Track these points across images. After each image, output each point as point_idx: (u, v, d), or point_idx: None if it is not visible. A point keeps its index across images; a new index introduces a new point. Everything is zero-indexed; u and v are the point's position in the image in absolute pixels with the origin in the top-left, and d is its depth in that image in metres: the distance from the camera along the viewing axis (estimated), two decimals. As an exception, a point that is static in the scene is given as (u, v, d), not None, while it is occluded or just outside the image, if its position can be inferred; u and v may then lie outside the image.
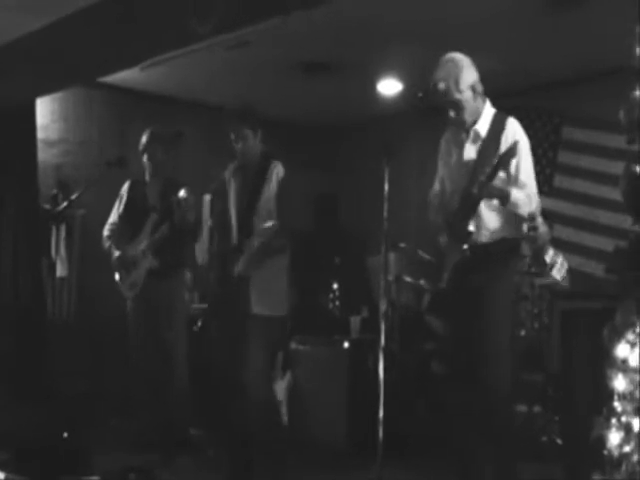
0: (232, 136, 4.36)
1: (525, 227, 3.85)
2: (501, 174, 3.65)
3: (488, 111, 3.87)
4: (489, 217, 3.73)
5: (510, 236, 3.77)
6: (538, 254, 5.90)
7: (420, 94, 3.85)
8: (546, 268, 5.84)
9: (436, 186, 4.02)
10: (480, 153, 3.78)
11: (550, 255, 5.86)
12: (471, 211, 3.67)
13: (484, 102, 3.87)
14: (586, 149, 6.79)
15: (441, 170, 4.02)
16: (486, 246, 3.72)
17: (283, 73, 6.65)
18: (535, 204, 3.74)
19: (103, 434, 5.01)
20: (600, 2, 5.01)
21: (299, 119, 8.07)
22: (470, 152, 3.84)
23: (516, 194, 3.63)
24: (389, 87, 7.01)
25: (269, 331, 4.21)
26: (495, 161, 3.58)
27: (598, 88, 6.38)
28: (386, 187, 3.96)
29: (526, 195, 3.68)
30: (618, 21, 3.47)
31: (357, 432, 5.08)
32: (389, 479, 3.68)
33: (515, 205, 3.64)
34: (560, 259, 5.86)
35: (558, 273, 5.78)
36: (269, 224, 4.17)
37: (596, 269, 6.32)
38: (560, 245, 5.97)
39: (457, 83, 3.76)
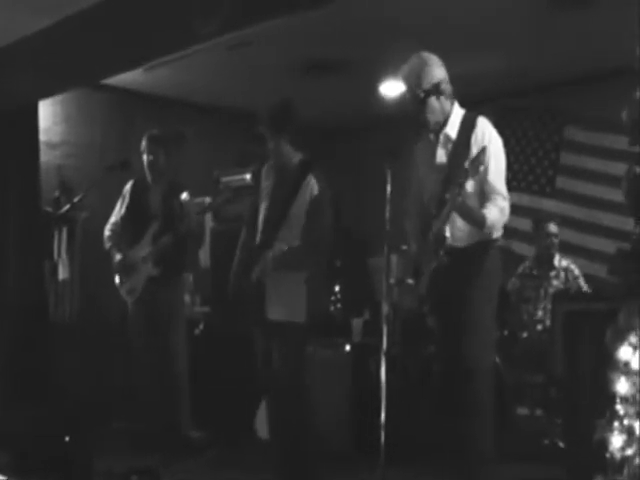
0: (264, 135, 4.22)
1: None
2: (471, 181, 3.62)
3: (457, 112, 3.81)
4: (462, 222, 3.68)
5: (485, 238, 3.72)
6: (542, 258, 5.90)
7: (422, 94, 3.80)
8: (551, 273, 5.84)
9: (411, 193, 3.99)
10: (451, 157, 3.74)
11: (557, 260, 5.86)
12: (445, 217, 3.61)
13: (452, 103, 3.81)
14: (588, 150, 6.78)
15: (415, 177, 3.98)
16: (462, 250, 3.69)
17: (286, 74, 6.64)
18: (507, 212, 3.68)
19: (105, 436, 5.01)
20: (604, 2, 5.01)
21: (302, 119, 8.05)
22: (441, 156, 3.79)
23: (491, 217, 3.58)
24: (392, 88, 7.00)
25: (287, 337, 4.12)
26: (465, 169, 3.50)
27: (600, 89, 6.38)
28: (388, 189, 3.95)
29: (499, 210, 3.63)
30: (621, 21, 3.46)
31: (359, 435, 5.07)
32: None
33: (491, 227, 3.62)
34: (565, 264, 5.86)
35: (564, 281, 5.78)
36: (293, 246, 4.11)
37: (598, 271, 6.32)
38: (562, 247, 5.97)
39: (419, 80, 3.72)
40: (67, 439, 4.29)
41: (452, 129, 3.78)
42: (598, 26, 5.40)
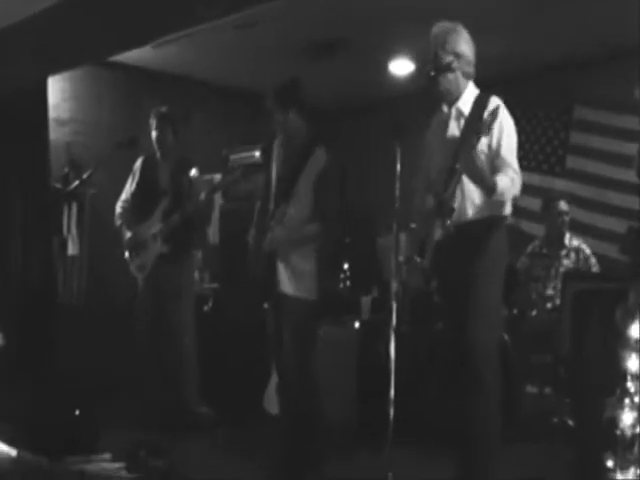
0: (273, 110, 4.22)
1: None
2: (484, 149, 3.58)
3: (471, 90, 3.79)
4: (474, 192, 3.62)
5: (495, 214, 3.67)
6: (552, 236, 5.88)
7: (432, 72, 3.78)
8: (561, 252, 5.82)
9: (421, 168, 3.94)
10: (463, 130, 3.70)
11: (567, 238, 5.84)
12: (454, 186, 3.56)
13: (467, 81, 3.78)
14: (598, 130, 6.74)
15: (427, 151, 3.94)
16: (469, 224, 3.64)
17: (291, 53, 6.61)
18: (519, 185, 3.61)
19: (113, 412, 5.03)
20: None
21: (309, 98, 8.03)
22: (453, 130, 3.76)
23: (502, 184, 3.48)
24: (400, 67, 6.97)
25: (298, 313, 4.13)
26: (477, 126, 3.45)
27: (611, 68, 6.33)
28: (398, 167, 3.93)
29: (510, 179, 3.54)
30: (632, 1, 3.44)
31: (367, 413, 5.08)
32: (399, 461, 3.68)
33: (501, 195, 3.52)
34: (577, 244, 5.84)
35: (574, 260, 5.77)
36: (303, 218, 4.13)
37: (608, 250, 6.30)
38: (572, 226, 5.95)
39: (445, 44, 3.69)
40: (77, 413, 4.32)
41: (465, 105, 3.75)
42: (608, 5, 5.34)
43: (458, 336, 3.64)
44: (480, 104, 3.70)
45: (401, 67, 6.96)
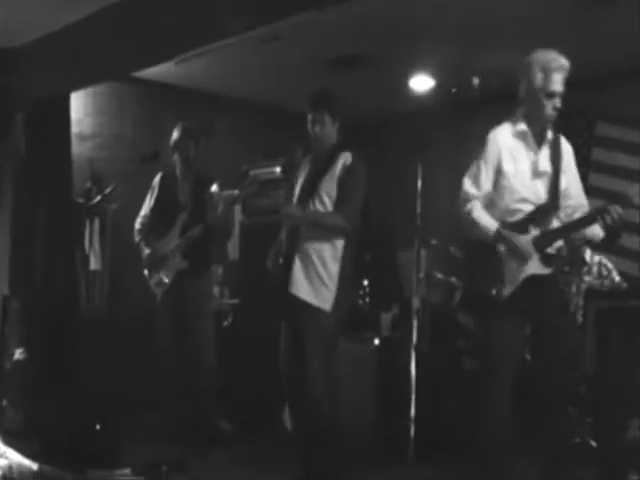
0: (310, 119, 4.26)
1: None
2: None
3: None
4: None
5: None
6: (574, 254, 5.84)
7: (454, 89, 3.80)
8: (582, 269, 5.77)
9: (485, 185, 3.72)
10: (553, 165, 3.73)
11: (588, 255, 5.80)
12: (561, 237, 3.68)
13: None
14: (621, 146, 6.69)
15: (495, 170, 3.73)
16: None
17: (314, 68, 6.62)
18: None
19: (135, 427, 5.03)
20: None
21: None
22: (544, 161, 3.73)
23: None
24: (421, 83, 6.97)
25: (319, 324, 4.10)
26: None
27: (634, 84, 6.30)
28: (419, 183, 3.92)
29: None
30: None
31: (388, 430, 5.05)
32: (420, 478, 3.66)
33: None
34: (598, 259, 5.79)
35: (595, 276, 5.72)
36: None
37: (631, 268, 6.25)
38: (595, 244, 5.90)
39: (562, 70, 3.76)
40: (98, 428, 4.32)
41: (549, 139, 3.76)
42: (630, 22, 5.33)
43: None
44: (556, 141, 3.82)
45: (422, 82, 6.95)
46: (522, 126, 3.70)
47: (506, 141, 3.69)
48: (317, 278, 4.10)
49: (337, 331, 4.24)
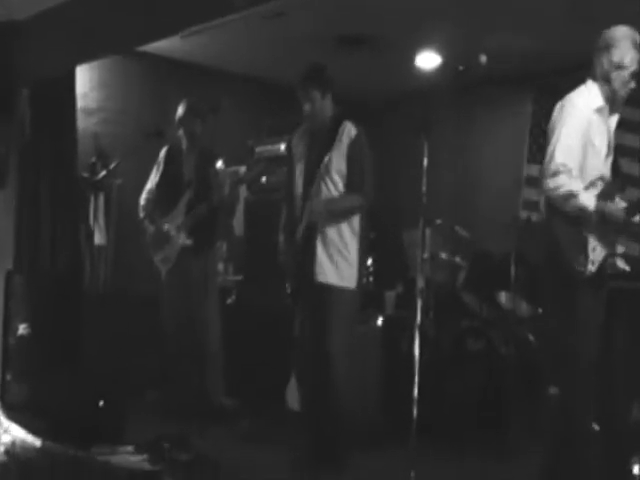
0: (300, 98, 4.21)
1: None
2: None
3: None
4: None
5: None
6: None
7: (461, 67, 3.75)
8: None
9: (559, 158, 3.46)
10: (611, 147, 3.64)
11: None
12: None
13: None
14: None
15: (583, 143, 3.54)
16: None
17: (319, 44, 6.57)
18: None
19: (138, 404, 5.05)
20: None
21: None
22: (611, 139, 3.64)
23: None
24: (427, 61, 6.89)
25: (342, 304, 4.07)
26: None
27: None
28: (425, 162, 3.89)
29: None
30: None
31: (391, 410, 5.05)
32: (422, 459, 3.67)
33: None
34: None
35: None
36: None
37: (635, 250, 6.21)
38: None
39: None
40: (101, 404, 4.34)
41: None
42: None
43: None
44: None
45: (429, 61, 6.87)
46: (599, 101, 3.58)
47: (588, 114, 3.55)
48: (339, 256, 4.09)
49: (360, 307, 4.26)
